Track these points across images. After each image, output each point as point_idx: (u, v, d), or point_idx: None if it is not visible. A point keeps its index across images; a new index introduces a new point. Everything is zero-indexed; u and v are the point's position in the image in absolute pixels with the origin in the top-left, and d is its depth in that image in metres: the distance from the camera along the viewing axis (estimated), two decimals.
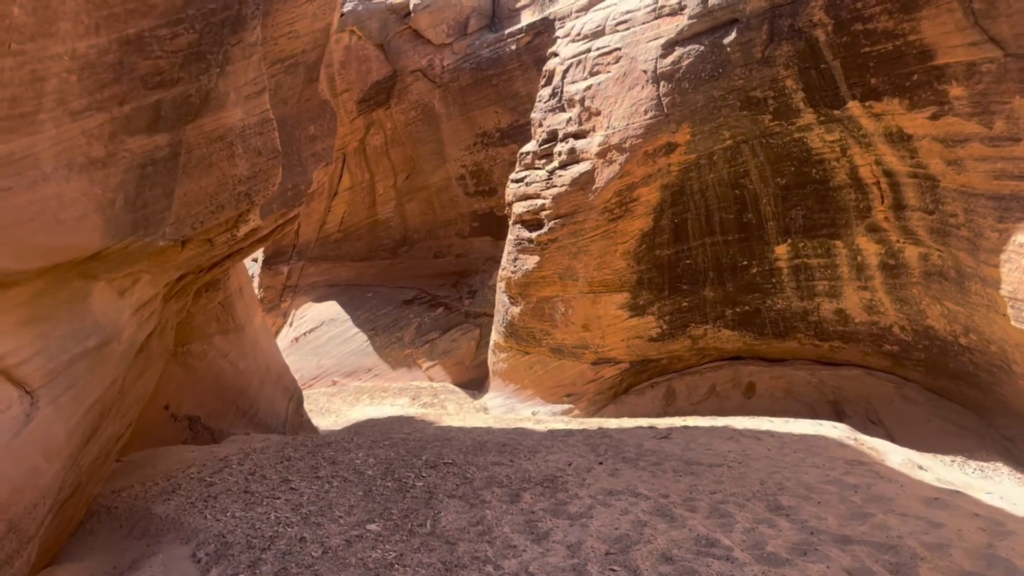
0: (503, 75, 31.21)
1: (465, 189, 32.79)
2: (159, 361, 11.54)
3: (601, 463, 12.35)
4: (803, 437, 13.35)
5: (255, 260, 38.72)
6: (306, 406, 27.35)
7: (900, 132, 17.15)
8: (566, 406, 22.56)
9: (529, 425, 17.66)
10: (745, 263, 21.14)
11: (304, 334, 32.67)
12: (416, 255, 33.80)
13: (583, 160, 22.14)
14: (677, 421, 17.27)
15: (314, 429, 20.55)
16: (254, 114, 8.59)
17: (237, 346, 17.08)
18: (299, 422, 18.97)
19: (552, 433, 15.73)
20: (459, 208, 33.17)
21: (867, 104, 17.40)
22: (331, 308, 33.00)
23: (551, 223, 22.41)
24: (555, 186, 22.49)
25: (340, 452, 13.49)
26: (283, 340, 33.42)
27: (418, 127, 33.13)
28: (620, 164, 21.18)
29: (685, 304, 21.91)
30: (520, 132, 31.01)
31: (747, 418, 17.73)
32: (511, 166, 29.62)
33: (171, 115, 7.41)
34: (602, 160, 21.58)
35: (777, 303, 20.92)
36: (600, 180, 21.57)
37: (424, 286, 32.25)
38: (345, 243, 35.06)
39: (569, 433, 15.41)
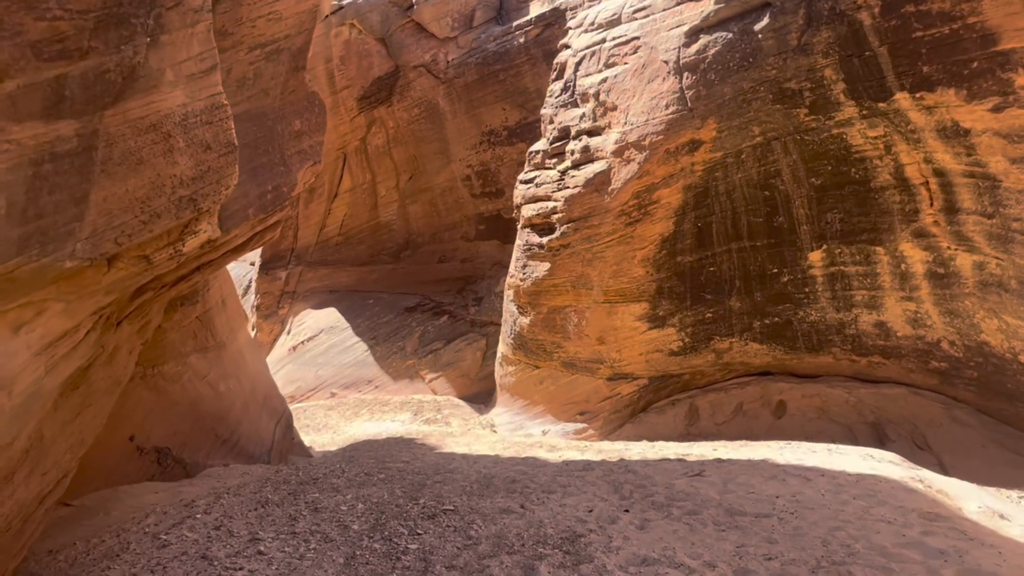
0: (511, 70, 29.36)
1: (471, 190, 30.96)
2: (106, 395, 9.72)
3: (627, 510, 10.47)
4: (860, 478, 11.44)
5: (252, 264, 36.97)
6: (302, 421, 25.59)
7: (955, 127, 15.24)
8: (579, 425, 20.69)
9: (541, 453, 15.80)
10: (775, 271, 19.24)
11: (302, 343, 30.88)
12: (419, 260, 31.97)
13: (598, 159, 20.27)
14: (707, 450, 15.38)
15: (306, 451, 18.73)
16: (200, 98, 6.76)
17: (217, 366, 15.26)
18: (288, 447, 17.15)
19: (567, 465, 13.86)
20: (464, 210, 31.34)
21: (918, 95, 15.49)
22: (330, 315, 31.19)
23: (563, 227, 20.55)
24: (567, 187, 20.62)
25: (325, 493, 11.65)
26: (281, 348, 31.66)
27: (421, 125, 31.30)
28: (639, 163, 19.30)
29: (709, 315, 20.02)
30: (529, 130, 29.17)
31: (784, 444, 15.84)
32: (519, 166, 27.79)
33: (80, 97, 5.58)
34: (619, 159, 19.71)
35: (810, 314, 19.01)
36: (617, 181, 19.70)
37: (428, 292, 30.42)
38: (345, 247, 33.26)
39: (587, 466, 13.55)
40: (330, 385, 28.78)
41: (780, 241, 19.08)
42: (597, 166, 20.14)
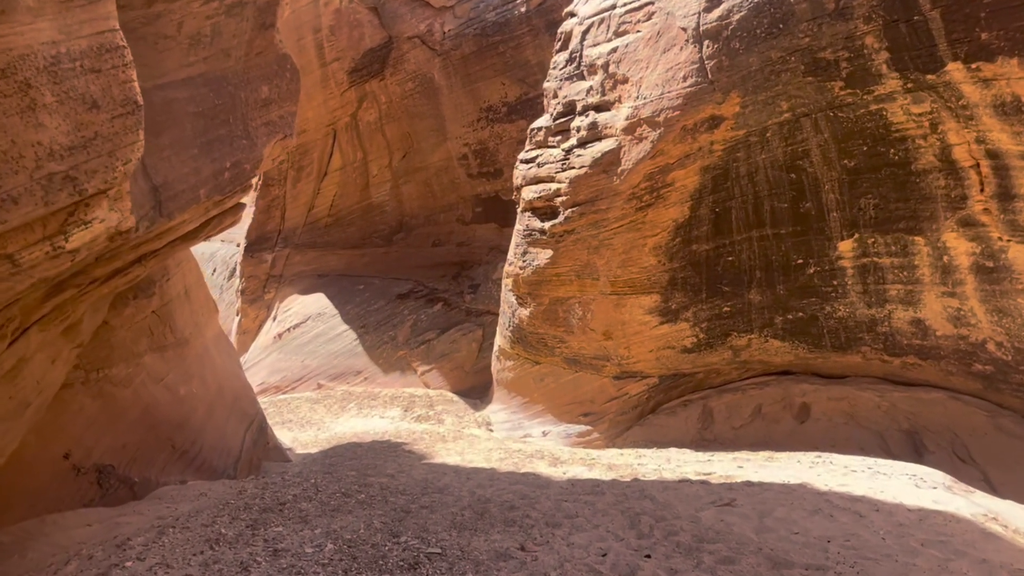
0: (511, 41, 27.27)
1: (468, 170, 28.93)
2: (13, 419, 7.82)
3: (649, 555, 8.61)
4: (922, 515, 9.58)
5: (239, 245, 34.96)
6: (286, 415, 23.76)
7: (1016, 102, 13.27)
8: (583, 428, 18.82)
9: (543, 467, 13.92)
10: (800, 261, 17.31)
11: (288, 330, 28.97)
12: (413, 243, 30.00)
13: (606, 137, 18.28)
14: (729, 466, 13.51)
15: (284, 455, 16.85)
16: (81, 35, 4.80)
17: (178, 366, 13.34)
18: (261, 453, 15.25)
19: (574, 486, 11.99)
20: (461, 191, 29.33)
21: (973, 66, 13.50)
22: (318, 301, 29.26)
23: (567, 211, 18.59)
24: (572, 167, 18.63)
25: (291, 525, 9.77)
26: (266, 336, 29.76)
27: (416, 100, 29.22)
28: (652, 141, 17.32)
29: (726, 309, 18.10)
30: (530, 106, 27.12)
31: (816, 459, 13.99)
32: (519, 145, 25.77)
33: None
34: (630, 137, 17.72)
35: (838, 310, 17.11)
36: (627, 161, 17.72)
37: (421, 278, 28.46)
38: (335, 229, 31.27)
39: (596, 488, 11.67)
40: (317, 376, 26.91)
41: (807, 229, 17.14)
42: (605, 144, 18.15)
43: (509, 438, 19.94)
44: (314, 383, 26.78)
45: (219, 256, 37.75)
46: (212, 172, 10.04)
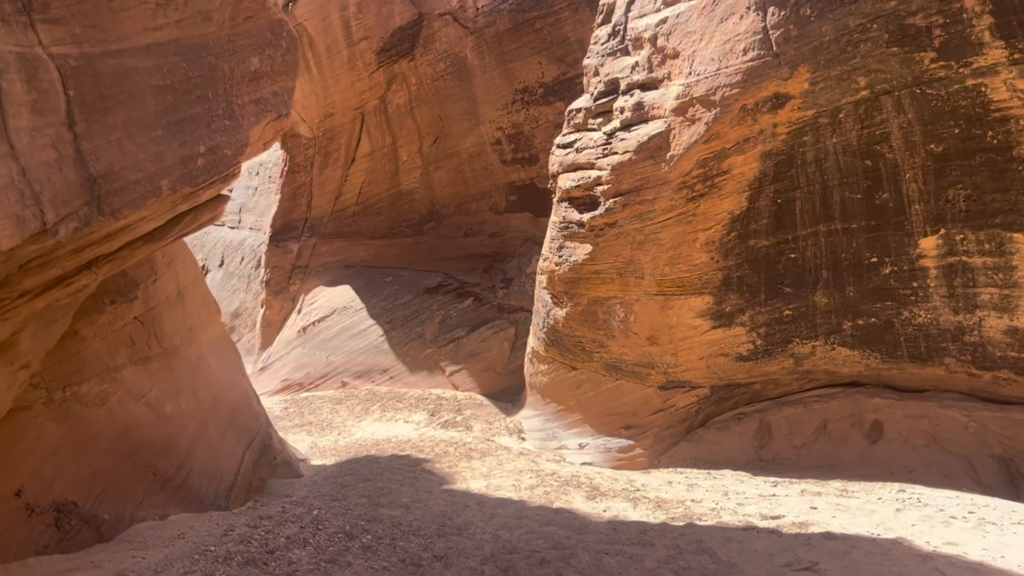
0: (548, 17, 25.15)
1: (501, 156, 26.90)
2: None
3: None
4: None
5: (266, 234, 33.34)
6: (306, 416, 22.09)
7: None
8: (624, 442, 16.80)
9: (579, 501, 11.94)
10: (874, 260, 15.06)
11: (313, 323, 27.28)
12: (443, 233, 28.07)
13: (654, 118, 16.15)
14: (799, 502, 11.41)
15: (294, 469, 15.08)
16: None
17: (163, 379, 11.58)
18: (265, 472, 13.47)
19: (616, 531, 10.01)
20: (494, 178, 27.30)
21: None
22: (344, 294, 27.50)
23: (609, 202, 16.51)
24: (615, 153, 16.54)
25: None
26: (290, 329, 28.13)
27: (447, 82, 27.22)
28: (706, 124, 15.16)
29: (787, 312, 15.92)
30: (568, 87, 24.99)
31: (903, 496, 11.83)
32: (557, 128, 23.63)
33: None
34: (680, 118, 15.57)
35: (918, 315, 14.84)
36: (677, 145, 15.58)
37: (451, 270, 26.54)
38: (363, 218, 29.44)
39: (643, 536, 9.66)
40: (341, 373, 25.19)
41: (883, 223, 14.87)
42: (652, 127, 16.02)
43: (542, 449, 18.01)
44: (338, 381, 25.08)
45: (247, 245, 36.18)
46: (180, 158, 8.16)
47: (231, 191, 39.55)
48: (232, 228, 38.12)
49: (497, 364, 22.58)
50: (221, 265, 38.33)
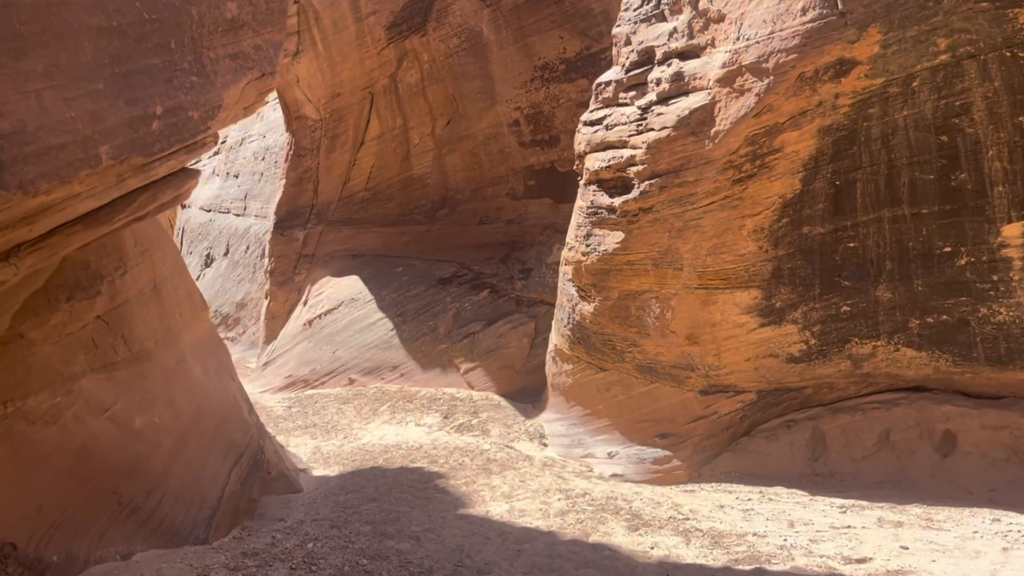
0: None
1: (519, 138, 24.99)
2: None
3: None
4: None
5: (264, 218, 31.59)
6: (311, 417, 20.37)
7: None
8: (659, 452, 14.98)
9: (620, 534, 10.11)
10: (948, 249, 13.15)
11: (319, 316, 25.54)
12: (457, 220, 26.20)
13: (695, 90, 14.26)
14: (882, 536, 9.57)
15: (291, 484, 13.33)
16: None
17: (132, 389, 9.82)
18: (256, 491, 11.69)
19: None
20: (511, 162, 25.40)
21: None
22: (353, 285, 25.74)
23: (644, 184, 14.63)
24: (651, 129, 14.65)
25: None
26: (296, 322, 26.41)
27: (462, 59, 25.31)
28: (757, 95, 13.26)
29: (845, 309, 14.03)
30: (592, 63, 23.06)
31: (997, 523, 9.96)
32: (579, 108, 21.74)
33: None
34: (727, 89, 13.67)
35: (998, 312, 12.93)
36: (723, 120, 13.69)
37: (466, 260, 24.69)
38: (372, 204, 27.62)
39: None
40: (349, 369, 23.46)
41: (959, 208, 12.94)
42: (694, 100, 14.12)
43: (567, 457, 16.23)
44: (345, 378, 23.34)
45: (252, 233, 34.53)
46: (128, 120, 6.35)
47: (223, 172, 37.97)
48: (238, 216, 36.54)
49: (516, 362, 20.76)
50: (226, 254, 36.76)
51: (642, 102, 15.17)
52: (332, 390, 22.87)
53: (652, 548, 9.46)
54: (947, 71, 12.24)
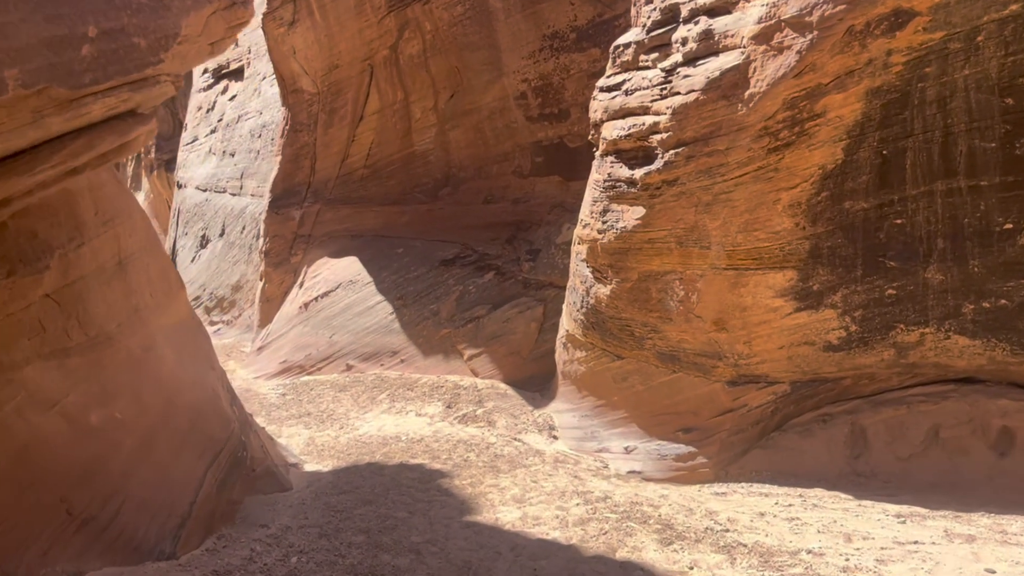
0: None
1: (527, 111, 23.46)
2: None
3: None
4: None
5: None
6: (305, 405, 19.03)
7: None
8: (682, 448, 13.60)
9: (652, 550, 8.70)
10: (1009, 226, 11.74)
11: (315, 299, 24.14)
12: (461, 199, 24.70)
13: (727, 49, 12.77)
14: (959, 556, 8.18)
15: (279, 482, 11.94)
16: None
17: (89, 379, 8.40)
18: (238, 492, 10.31)
19: None
20: (518, 137, 23.87)
21: None
22: (351, 266, 24.32)
23: (668, 154, 13.16)
24: (677, 93, 13.16)
25: None
26: (292, 305, 25.01)
27: (466, 28, 23.73)
28: (798, 52, 11.78)
29: (891, 292, 12.61)
30: (605, 30, 21.50)
31: None
32: (591, 79, 20.16)
33: None
34: (763, 47, 12.18)
35: None
36: (758, 81, 12.22)
37: (470, 241, 23.21)
38: (372, 182, 26.12)
39: None
40: (346, 355, 22.07)
41: (1022, 180, 11.50)
42: (726, 59, 12.63)
43: (579, 451, 14.87)
44: (343, 364, 21.96)
45: (249, 213, 33.02)
46: (47, 39, 4.91)
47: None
48: (234, 195, 35.06)
49: (523, 348, 19.35)
50: (222, 235, 35.32)
51: (666, 64, 13.67)
52: (329, 376, 21.50)
53: (691, 568, 8.09)
54: (1017, 23, 10.77)
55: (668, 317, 13.79)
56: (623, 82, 14.63)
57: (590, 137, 15.76)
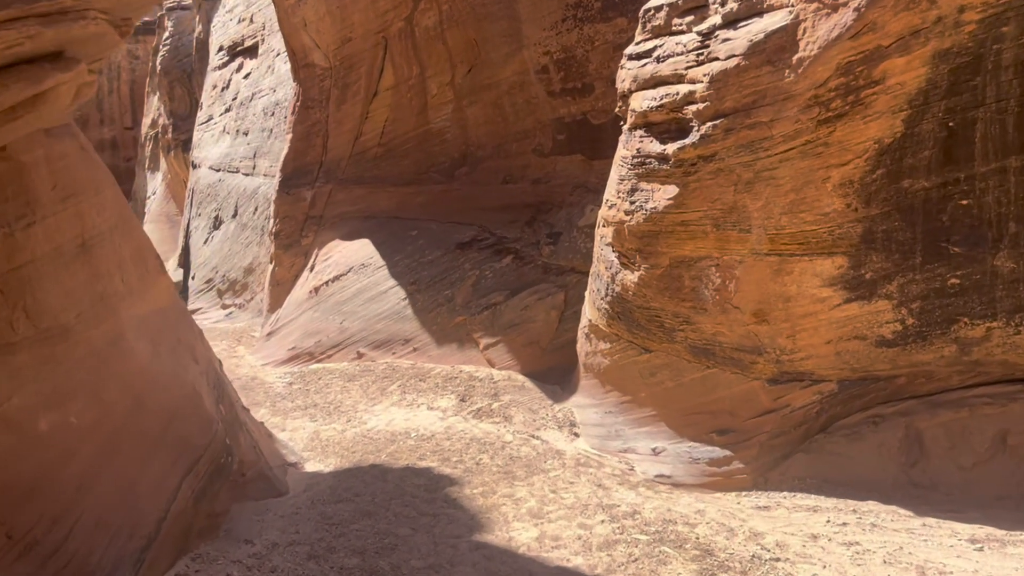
0: None
1: (548, 86, 22.04)
2: None
3: None
4: None
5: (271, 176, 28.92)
6: (312, 396, 17.94)
7: None
8: (717, 452, 12.30)
9: None
10: None
11: (326, 283, 23.00)
12: (478, 179, 23.38)
13: (772, 8, 11.36)
14: None
15: (273, 485, 10.81)
16: None
17: (38, 379, 7.24)
18: (217, 506, 9.16)
19: None
20: (539, 114, 22.47)
21: None
22: (363, 249, 23.12)
23: (705, 126, 11.79)
24: (716, 58, 11.77)
25: None
26: (302, 289, 23.90)
27: None
28: (856, 10, 10.36)
29: (954, 281, 11.21)
30: None
31: None
32: (616, 51, 18.75)
33: None
34: (815, 5, 10.77)
35: None
36: (808, 44, 10.81)
37: (487, 223, 21.91)
38: (386, 161, 24.84)
39: None
40: (357, 342, 20.93)
41: None
42: (771, 20, 11.23)
43: (602, 451, 13.63)
44: (353, 351, 20.81)
45: (261, 193, 31.93)
46: None
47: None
48: (247, 175, 34.02)
49: (542, 337, 18.08)
50: (235, 216, 34.32)
51: (703, 27, 12.26)
52: (338, 365, 20.36)
53: None
54: None
55: (702, 307, 12.44)
56: (654, 48, 13.24)
57: (617, 110, 14.39)
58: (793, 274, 11.72)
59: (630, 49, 14.01)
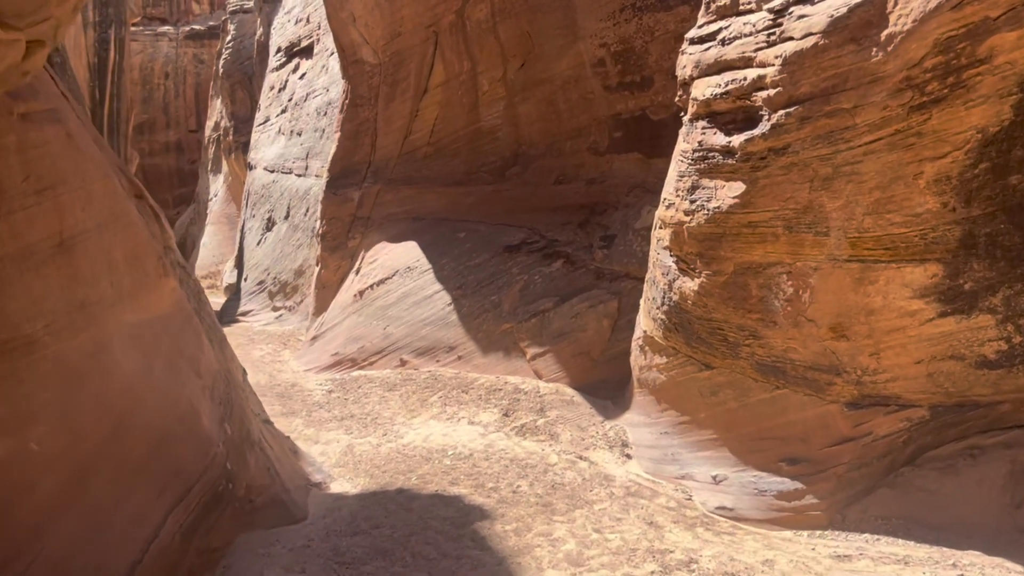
0: None
1: (604, 80, 20.70)
2: None
3: None
4: None
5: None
6: (351, 406, 17.01)
7: None
8: (787, 484, 10.81)
9: None
10: None
11: (371, 287, 22.10)
12: (530, 179, 22.17)
13: None
14: None
15: (289, 512, 9.76)
16: None
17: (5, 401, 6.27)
18: (215, 540, 8.11)
19: None
20: (594, 110, 21.14)
21: None
22: (410, 252, 22.14)
23: (777, 115, 10.35)
24: (789, 38, 10.33)
25: None
26: (347, 293, 23.08)
27: None
28: None
29: None
30: None
31: None
32: (677, 42, 17.24)
33: None
34: None
35: None
36: (899, 18, 9.31)
37: (538, 225, 20.67)
38: (436, 160, 23.86)
39: None
40: (400, 349, 19.92)
41: None
42: None
43: (657, 476, 12.28)
44: (396, 358, 19.81)
45: (313, 194, 31.35)
46: None
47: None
48: (299, 176, 33.61)
49: (593, 348, 16.75)
50: (287, 217, 33.93)
51: (774, 3, 10.82)
52: (380, 372, 19.37)
53: None
54: None
55: (772, 320, 10.98)
56: (719, 31, 11.83)
57: (677, 99, 13.01)
58: (878, 283, 10.17)
59: (692, 32, 12.63)
